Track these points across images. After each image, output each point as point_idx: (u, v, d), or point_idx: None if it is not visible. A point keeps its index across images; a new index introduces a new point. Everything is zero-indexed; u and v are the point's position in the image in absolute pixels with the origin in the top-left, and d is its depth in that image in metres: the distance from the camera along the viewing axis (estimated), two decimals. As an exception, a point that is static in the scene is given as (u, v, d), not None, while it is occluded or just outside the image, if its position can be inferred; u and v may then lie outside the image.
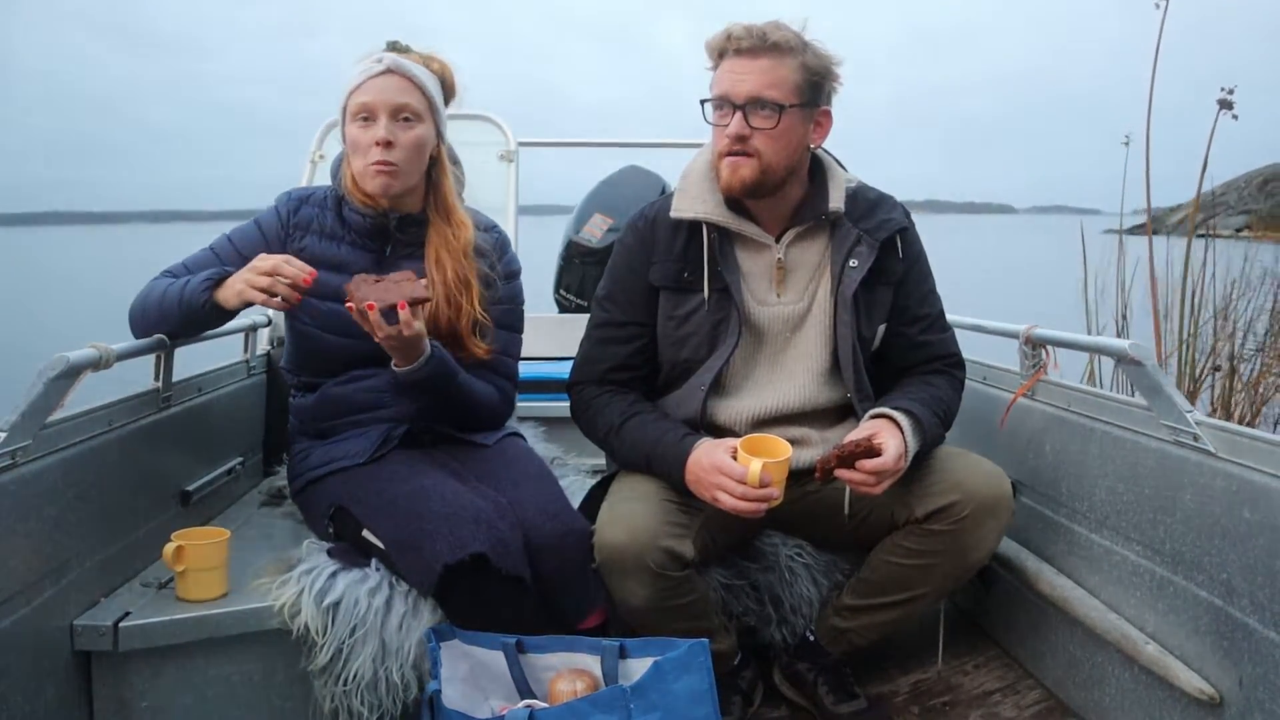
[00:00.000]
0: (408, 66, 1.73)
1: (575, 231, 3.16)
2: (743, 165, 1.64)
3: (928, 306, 1.80)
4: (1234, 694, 1.40)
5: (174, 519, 1.82)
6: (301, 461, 1.83)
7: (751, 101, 1.61)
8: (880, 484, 1.56)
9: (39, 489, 1.42)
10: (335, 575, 1.60)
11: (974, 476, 1.65)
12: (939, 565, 1.67)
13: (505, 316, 1.89)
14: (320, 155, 2.83)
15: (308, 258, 1.73)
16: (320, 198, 1.83)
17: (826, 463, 1.55)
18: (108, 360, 1.54)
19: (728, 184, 1.66)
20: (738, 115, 1.62)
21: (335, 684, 1.55)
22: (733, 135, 1.62)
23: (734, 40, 1.62)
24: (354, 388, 1.79)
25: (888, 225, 1.74)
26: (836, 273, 1.72)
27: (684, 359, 1.74)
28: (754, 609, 1.84)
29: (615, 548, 1.57)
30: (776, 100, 1.61)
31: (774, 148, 1.63)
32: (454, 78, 1.84)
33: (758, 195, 1.69)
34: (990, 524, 1.64)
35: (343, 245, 1.80)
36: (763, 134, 1.62)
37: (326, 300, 1.73)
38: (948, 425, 1.75)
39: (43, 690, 1.42)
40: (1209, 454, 1.46)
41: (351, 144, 1.74)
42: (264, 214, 1.83)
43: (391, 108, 1.70)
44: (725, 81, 1.63)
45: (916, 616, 1.80)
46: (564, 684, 1.50)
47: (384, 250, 1.81)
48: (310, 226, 1.80)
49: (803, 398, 1.75)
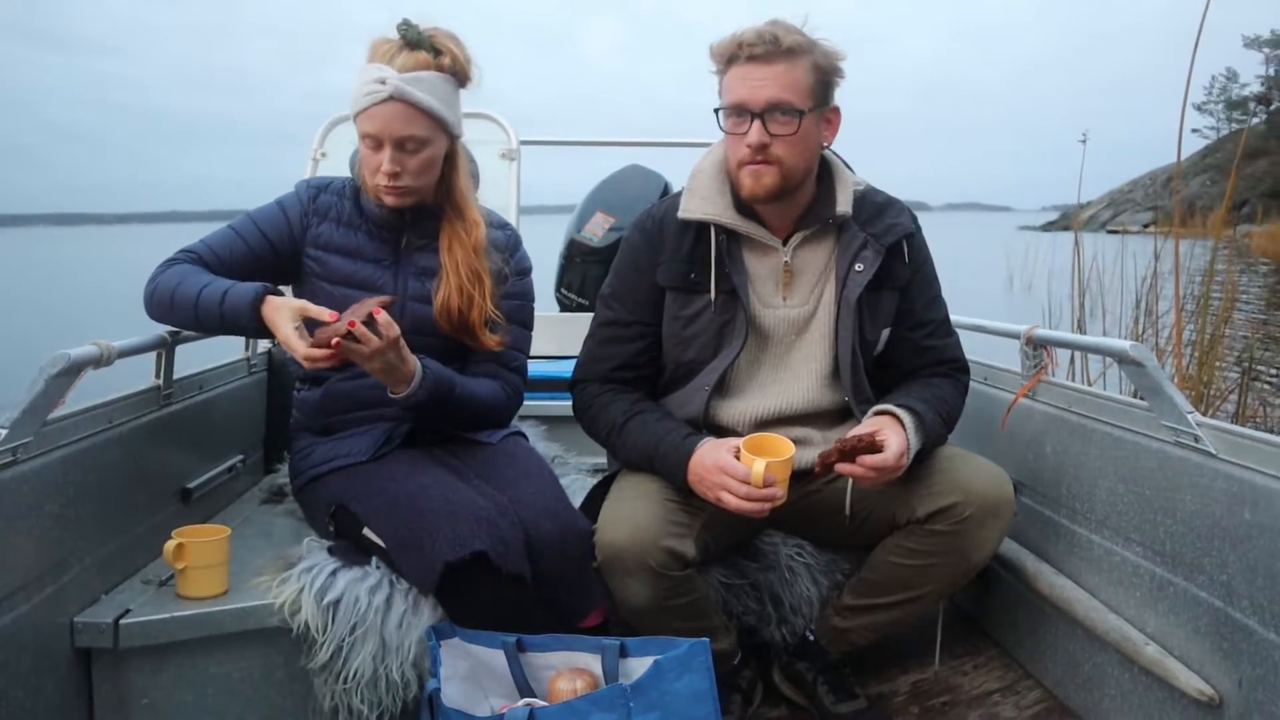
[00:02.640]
0: (411, 93, 1.64)
1: (576, 230, 3.16)
2: (765, 174, 1.62)
3: (933, 312, 1.80)
4: (1234, 695, 1.40)
5: (174, 516, 1.83)
6: (304, 459, 1.83)
7: (770, 108, 1.59)
8: (880, 479, 1.55)
9: (40, 486, 1.43)
10: (335, 573, 1.60)
11: (976, 478, 1.65)
12: (940, 565, 1.67)
13: (517, 313, 1.89)
14: (323, 154, 2.82)
15: (324, 244, 1.77)
16: (339, 187, 1.84)
17: (827, 457, 1.55)
18: (108, 357, 1.54)
19: (751, 193, 1.65)
20: (756, 123, 1.59)
21: (335, 682, 1.55)
22: (754, 145, 1.60)
23: (746, 46, 1.58)
24: (360, 383, 1.79)
25: (894, 230, 1.73)
26: (842, 276, 1.71)
27: (689, 359, 1.74)
28: (754, 608, 1.84)
29: (617, 547, 1.57)
30: (795, 106, 1.59)
31: (794, 153, 1.62)
32: (466, 65, 1.75)
33: (779, 201, 1.68)
34: (992, 525, 1.64)
35: (359, 234, 1.80)
36: (782, 140, 1.60)
37: (338, 286, 1.75)
38: (950, 426, 1.75)
39: (43, 687, 1.42)
40: (1209, 455, 1.46)
41: (363, 158, 1.74)
42: (286, 197, 1.83)
43: (396, 140, 1.67)
44: (740, 89, 1.60)
45: (917, 616, 1.80)
46: (564, 683, 1.50)
47: (399, 241, 1.82)
48: (329, 214, 1.81)
49: (806, 400, 1.75)
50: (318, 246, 1.79)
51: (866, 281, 1.69)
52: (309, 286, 1.78)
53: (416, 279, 1.80)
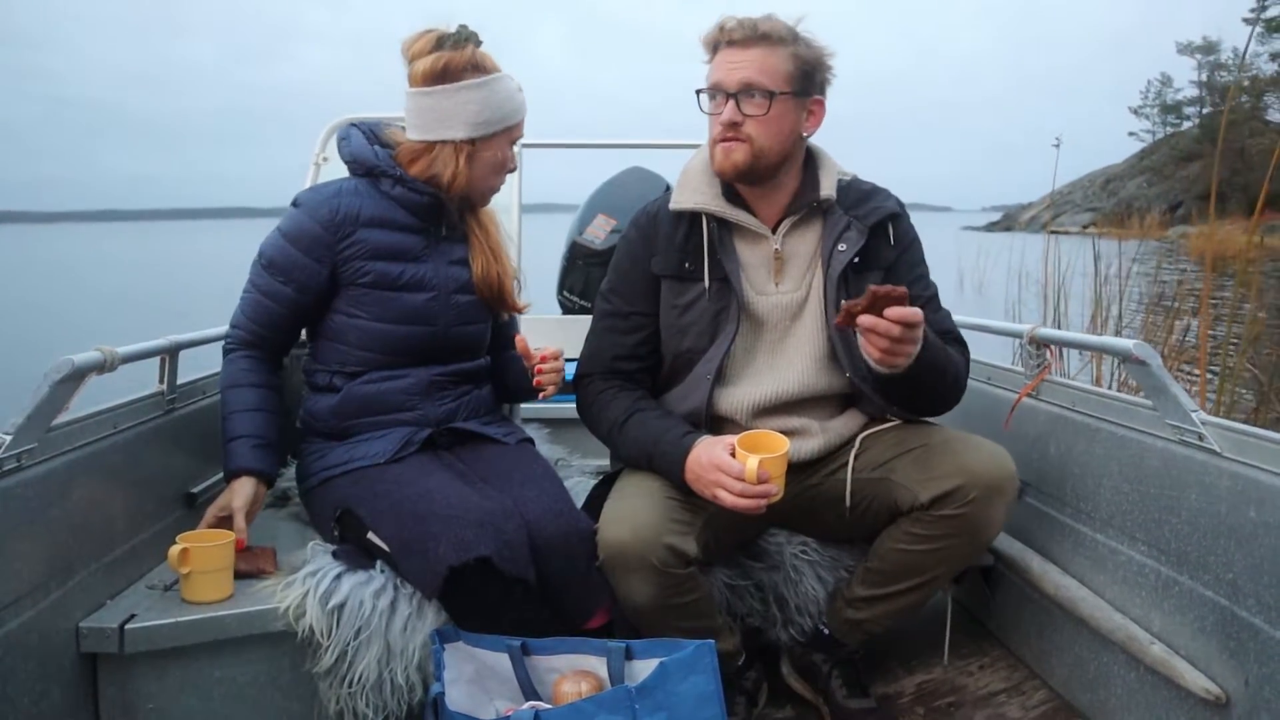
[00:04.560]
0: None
1: (578, 233, 3.15)
2: (735, 150, 1.68)
3: (920, 288, 1.80)
4: (1240, 694, 1.39)
5: (179, 521, 1.83)
6: (318, 460, 1.81)
7: (743, 89, 1.66)
8: (898, 344, 1.48)
9: (44, 491, 1.43)
10: (340, 577, 1.60)
11: (978, 458, 1.65)
12: (949, 548, 1.67)
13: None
14: (324, 158, 2.82)
15: (364, 251, 1.76)
16: (351, 188, 1.80)
17: (852, 307, 1.47)
18: (112, 363, 1.54)
19: (720, 167, 1.71)
20: (730, 103, 1.67)
21: (340, 686, 1.55)
22: (725, 122, 1.67)
23: (726, 32, 1.67)
24: (381, 388, 1.79)
25: (877, 212, 1.77)
26: (826, 257, 1.75)
27: (686, 349, 1.76)
28: (759, 610, 1.84)
29: (618, 545, 1.57)
30: (767, 87, 1.65)
31: (765, 133, 1.67)
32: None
33: (751, 180, 1.73)
34: (997, 503, 1.64)
35: (393, 232, 1.80)
36: (754, 120, 1.67)
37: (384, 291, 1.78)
38: (947, 373, 1.67)
39: (49, 692, 1.43)
40: (1214, 453, 1.46)
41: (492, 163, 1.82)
42: (296, 234, 1.75)
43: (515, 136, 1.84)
44: (719, 71, 1.68)
45: (930, 599, 1.80)
46: (569, 685, 1.50)
47: (438, 228, 1.85)
48: (359, 219, 1.76)
49: (801, 384, 1.77)
50: (355, 256, 1.76)
51: (848, 260, 1.72)
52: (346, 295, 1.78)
53: (452, 267, 1.86)
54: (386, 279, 1.77)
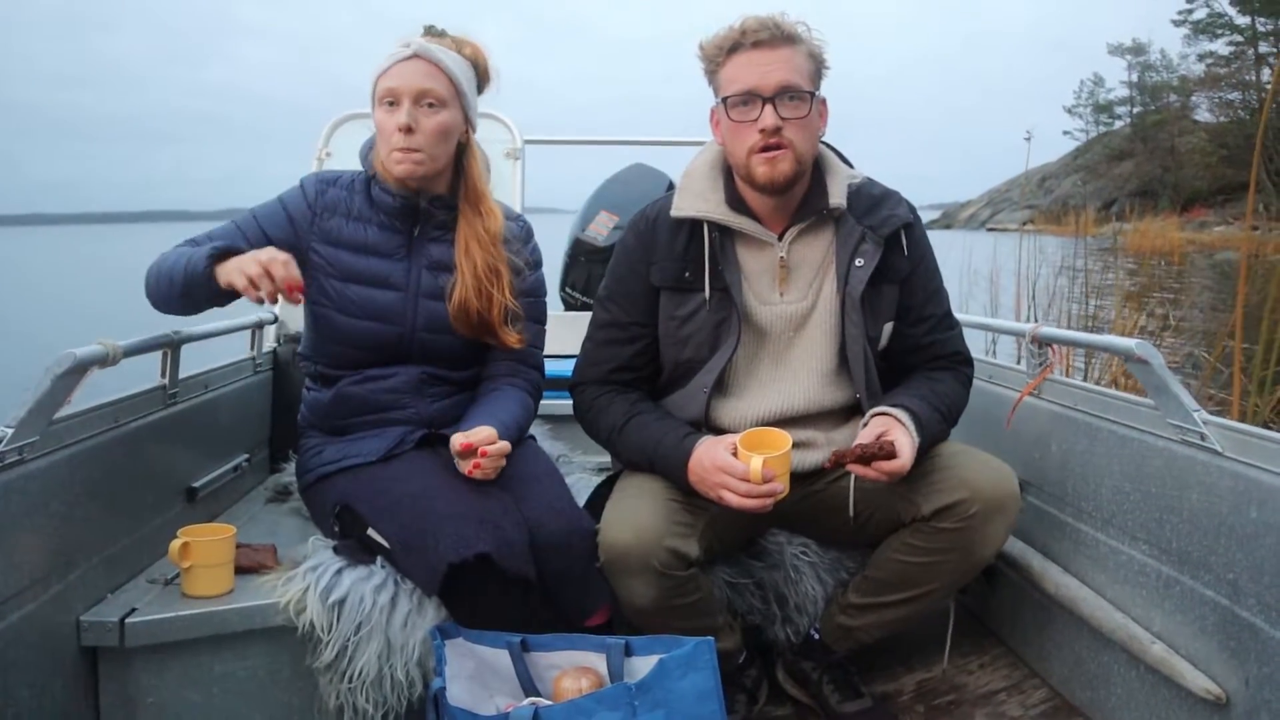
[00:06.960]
0: (434, 52, 1.71)
1: (581, 229, 3.16)
2: (780, 159, 1.61)
3: (934, 305, 1.78)
4: (1240, 694, 1.39)
5: (180, 515, 1.83)
6: (315, 456, 1.82)
7: (781, 92, 1.59)
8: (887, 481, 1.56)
9: (46, 485, 1.43)
10: (341, 572, 1.60)
11: (981, 474, 1.64)
12: (946, 562, 1.66)
13: (530, 309, 1.89)
14: (327, 153, 2.82)
15: (333, 239, 1.76)
16: (348, 181, 1.83)
17: (842, 457, 1.54)
18: (114, 357, 1.54)
19: (769, 179, 1.62)
20: (768, 107, 1.59)
21: (340, 681, 1.56)
22: (769, 128, 1.58)
23: (750, 34, 1.59)
24: (371, 388, 1.79)
25: (891, 221, 1.71)
26: (843, 272, 1.70)
27: (686, 359, 1.73)
28: (759, 607, 1.84)
29: (620, 548, 1.56)
30: (804, 88, 1.60)
31: (803, 137, 1.62)
32: (487, 63, 1.82)
33: (790, 190, 1.67)
34: (998, 521, 1.63)
35: (370, 227, 1.79)
36: (793, 124, 1.60)
37: (346, 283, 1.76)
38: (952, 422, 1.74)
39: (49, 686, 1.43)
40: (1216, 453, 1.45)
41: (378, 128, 1.74)
42: (289, 194, 1.81)
43: (415, 93, 1.69)
44: (749, 75, 1.59)
45: (923, 613, 1.79)
46: (569, 682, 1.50)
47: (412, 231, 1.81)
48: (338, 209, 1.79)
49: (807, 399, 1.74)
50: (325, 242, 1.77)
51: (868, 276, 1.68)
52: (315, 283, 1.77)
53: (430, 272, 1.79)
54: (350, 272, 1.75)
